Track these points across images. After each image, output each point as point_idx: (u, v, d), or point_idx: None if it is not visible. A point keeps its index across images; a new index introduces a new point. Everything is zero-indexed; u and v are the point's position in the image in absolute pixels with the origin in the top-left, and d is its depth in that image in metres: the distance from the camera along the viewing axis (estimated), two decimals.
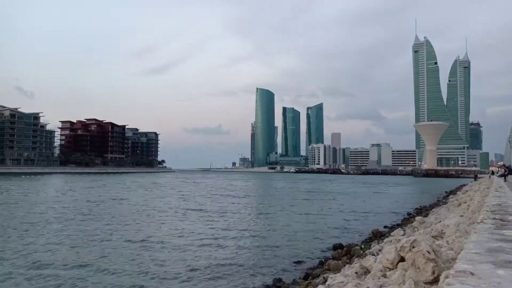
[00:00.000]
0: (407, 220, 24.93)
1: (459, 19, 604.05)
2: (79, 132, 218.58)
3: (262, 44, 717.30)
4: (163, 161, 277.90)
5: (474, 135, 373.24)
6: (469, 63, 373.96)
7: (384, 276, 5.92)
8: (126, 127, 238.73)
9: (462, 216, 12.25)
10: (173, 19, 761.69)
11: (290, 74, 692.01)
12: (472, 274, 2.76)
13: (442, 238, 8.36)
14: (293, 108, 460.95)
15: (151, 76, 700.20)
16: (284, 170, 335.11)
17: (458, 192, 44.84)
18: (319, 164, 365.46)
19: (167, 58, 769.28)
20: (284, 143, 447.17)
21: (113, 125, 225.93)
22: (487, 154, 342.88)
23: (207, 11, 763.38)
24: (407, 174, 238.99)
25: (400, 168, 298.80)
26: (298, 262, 14.97)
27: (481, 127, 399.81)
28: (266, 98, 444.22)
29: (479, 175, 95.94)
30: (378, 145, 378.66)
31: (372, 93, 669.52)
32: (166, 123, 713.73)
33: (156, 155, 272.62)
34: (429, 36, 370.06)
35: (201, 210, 33.10)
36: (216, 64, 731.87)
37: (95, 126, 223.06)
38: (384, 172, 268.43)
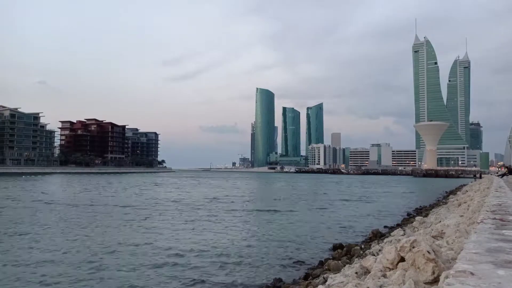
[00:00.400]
0: (407, 220, 24.91)
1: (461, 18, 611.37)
2: (79, 132, 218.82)
3: (290, 56, 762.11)
4: (163, 161, 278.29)
5: (474, 135, 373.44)
6: (469, 63, 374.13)
7: (384, 276, 5.92)
8: (126, 127, 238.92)
9: (462, 216, 12.24)
10: (211, 32, 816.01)
11: (312, 80, 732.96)
12: (472, 274, 2.75)
13: (442, 238, 8.35)
14: (293, 108, 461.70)
15: (178, 81, 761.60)
16: (284, 170, 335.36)
17: (458, 192, 44.80)
18: (319, 164, 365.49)
19: (197, 65, 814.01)
20: (284, 143, 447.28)
21: (113, 125, 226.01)
22: (487, 154, 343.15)
23: (246, 24, 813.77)
24: (407, 174, 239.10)
25: (400, 168, 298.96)
26: (298, 262, 14.97)
27: (481, 127, 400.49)
28: (266, 98, 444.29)
29: (483, 175, 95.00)
30: (378, 145, 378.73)
31: (384, 96, 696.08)
32: (175, 123, 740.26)
33: (156, 155, 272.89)
34: (429, 36, 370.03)
35: (200, 210, 33.10)
36: (242, 71, 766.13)
37: (95, 126, 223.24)
38: (384, 172, 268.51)
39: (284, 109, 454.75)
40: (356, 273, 7.53)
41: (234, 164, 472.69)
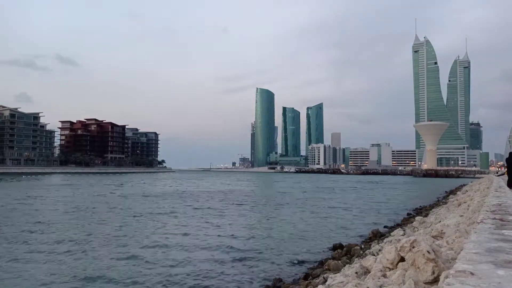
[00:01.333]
0: (407, 220, 24.90)
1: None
2: (79, 132, 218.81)
3: (339, 75, 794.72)
4: (163, 161, 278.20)
5: (474, 135, 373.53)
6: (469, 63, 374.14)
7: (384, 276, 5.92)
8: (126, 127, 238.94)
9: (462, 216, 12.24)
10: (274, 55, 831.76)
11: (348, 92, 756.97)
12: (472, 274, 2.75)
13: (442, 238, 8.35)
14: (293, 108, 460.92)
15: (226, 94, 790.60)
16: (284, 170, 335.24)
17: (458, 192, 44.79)
18: (319, 164, 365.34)
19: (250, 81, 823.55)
20: (284, 143, 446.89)
21: (113, 125, 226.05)
22: (487, 154, 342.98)
23: (312, 54, 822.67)
24: (407, 174, 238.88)
25: (400, 168, 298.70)
26: (298, 262, 14.97)
27: (481, 127, 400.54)
28: (266, 98, 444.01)
29: (478, 175, 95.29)
30: (378, 145, 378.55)
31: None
32: (175, 123, 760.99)
33: (156, 155, 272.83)
34: (429, 36, 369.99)
35: (200, 209, 33.11)
36: (286, 86, 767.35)
37: (95, 126, 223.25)
38: (384, 172, 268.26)
39: (284, 109, 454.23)
40: (356, 273, 7.53)
41: (234, 164, 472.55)
